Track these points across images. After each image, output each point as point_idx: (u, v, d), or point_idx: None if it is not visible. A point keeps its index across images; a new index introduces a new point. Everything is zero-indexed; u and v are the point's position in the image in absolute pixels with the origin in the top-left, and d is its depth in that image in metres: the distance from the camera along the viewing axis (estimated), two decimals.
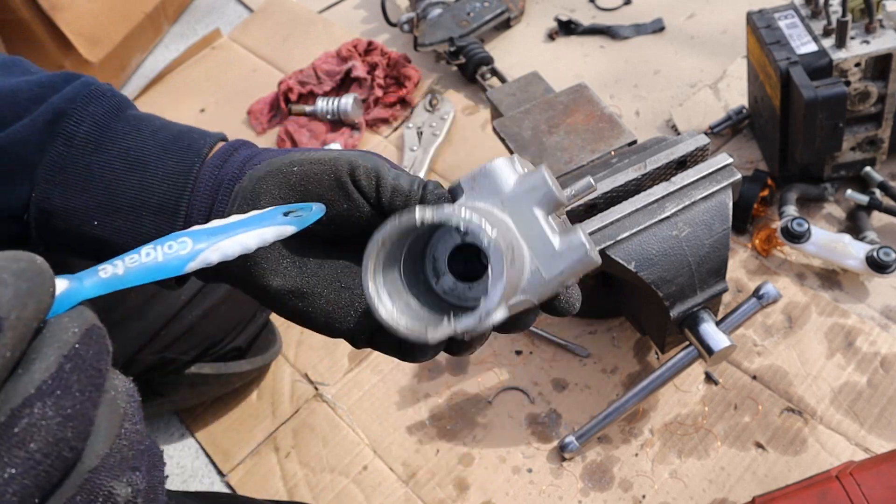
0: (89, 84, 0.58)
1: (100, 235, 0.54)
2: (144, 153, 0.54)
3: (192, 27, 1.71)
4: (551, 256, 0.43)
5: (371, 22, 1.58)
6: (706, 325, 0.83)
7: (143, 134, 0.56)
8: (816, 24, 0.99)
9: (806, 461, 0.86)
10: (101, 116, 0.56)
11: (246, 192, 0.49)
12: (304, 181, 0.48)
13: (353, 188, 0.47)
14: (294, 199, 0.48)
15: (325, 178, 0.47)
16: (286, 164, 0.49)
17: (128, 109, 0.58)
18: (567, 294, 0.48)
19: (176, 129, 0.56)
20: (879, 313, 0.97)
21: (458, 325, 0.40)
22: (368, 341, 0.51)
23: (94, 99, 0.56)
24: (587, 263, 0.43)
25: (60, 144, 0.55)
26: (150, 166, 0.54)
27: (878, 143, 1.04)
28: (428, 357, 0.49)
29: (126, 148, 0.55)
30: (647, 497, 0.87)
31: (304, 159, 0.49)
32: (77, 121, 0.55)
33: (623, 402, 0.90)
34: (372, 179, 0.47)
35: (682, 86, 1.30)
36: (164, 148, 0.55)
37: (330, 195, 0.48)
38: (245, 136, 1.38)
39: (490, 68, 1.35)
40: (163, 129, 0.56)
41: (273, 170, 0.49)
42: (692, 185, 0.83)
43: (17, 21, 1.36)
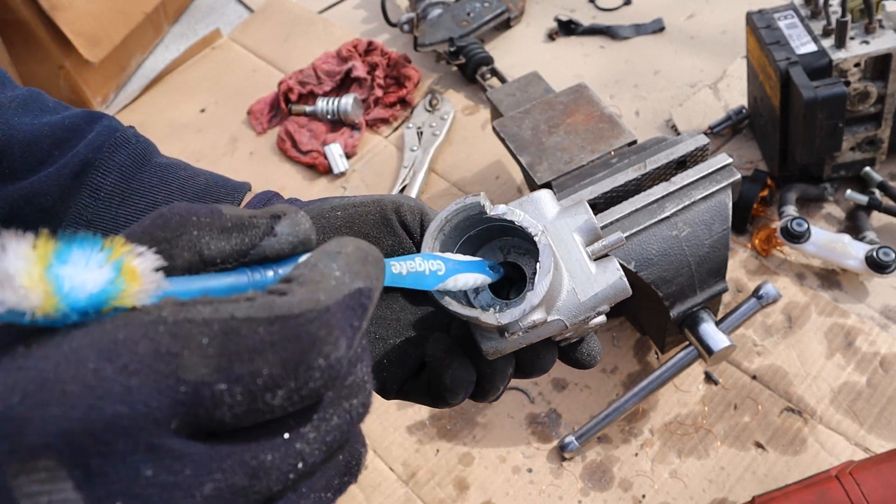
0: (114, 130, 0.56)
1: None
2: None
3: (193, 27, 1.72)
4: (587, 280, 0.45)
5: (371, 22, 1.58)
6: (706, 325, 0.83)
7: (170, 187, 0.55)
8: (816, 24, 0.99)
9: (806, 461, 0.87)
10: (127, 167, 0.55)
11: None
12: (350, 223, 0.48)
13: (399, 225, 0.48)
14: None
15: (371, 218, 0.48)
16: (327, 209, 0.48)
17: (153, 157, 0.57)
18: (590, 344, 0.49)
19: (203, 182, 0.55)
20: (879, 313, 0.97)
21: (501, 318, 0.42)
22: (398, 392, 0.50)
23: (120, 147, 0.55)
24: (620, 290, 0.45)
25: (87, 196, 0.54)
26: None
27: (878, 143, 1.04)
28: (458, 400, 0.49)
29: (153, 202, 0.54)
30: (646, 497, 0.87)
31: (347, 204, 0.49)
32: (104, 172, 0.54)
33: (623, 401, 0.90)
34: (417, 216, 0.48)
35: (682, 86, 1.30)
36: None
37: (375, 232, 0.48)
38: (246, 136, 1.38)
39: (490, 68, 1.35)
40: (189, 182, 0.55)
41: (313, 216, 0.48)
42: (692, 185, 0.83)
43: (18, 21, 1.36)
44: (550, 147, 0.93)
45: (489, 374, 0.47)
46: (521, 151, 0.94)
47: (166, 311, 0.25)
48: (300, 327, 0.26)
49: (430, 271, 0.41)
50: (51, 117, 0.58)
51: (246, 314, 0.26)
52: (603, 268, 0.46)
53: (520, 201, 0.47)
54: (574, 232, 0.46)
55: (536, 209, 0.46)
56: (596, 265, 0.46)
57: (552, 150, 0.93)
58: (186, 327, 0.25)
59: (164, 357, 0.24)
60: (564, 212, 0.47)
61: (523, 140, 0.95)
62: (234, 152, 1.36)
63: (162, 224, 0.29)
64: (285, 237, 0.32)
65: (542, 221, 0.46)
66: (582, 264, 0.46)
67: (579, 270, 0.46)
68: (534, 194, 0.47)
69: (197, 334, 0.25)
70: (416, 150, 1.27)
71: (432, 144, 1.27)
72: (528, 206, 0.46)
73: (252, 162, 1.34)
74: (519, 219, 0.43)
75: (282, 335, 0.26)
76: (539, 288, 0.42)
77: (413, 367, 0.49)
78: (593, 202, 0.84)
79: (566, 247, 0.46)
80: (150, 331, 0.25)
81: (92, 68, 1.48)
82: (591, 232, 0.46)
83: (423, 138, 1.29)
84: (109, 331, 0.24)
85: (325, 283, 0.28)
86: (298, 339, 0.26)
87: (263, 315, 0.26)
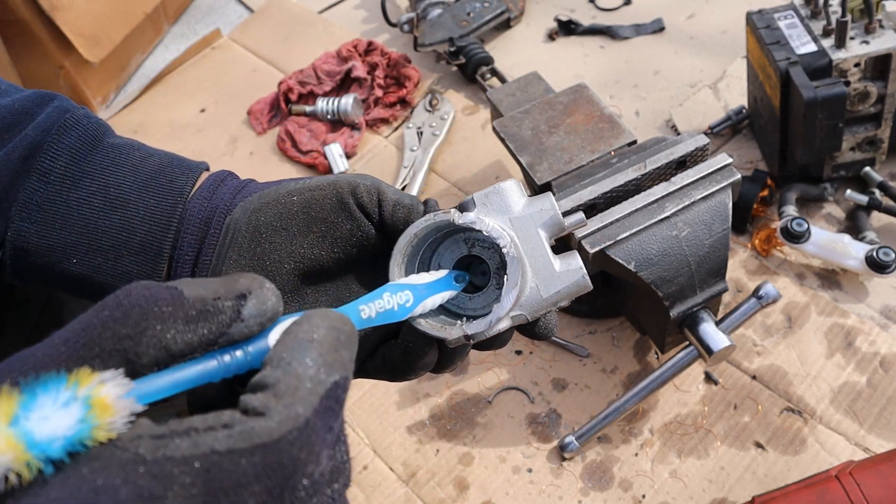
0: (64, 111, 0.55)
1: (79, 272, 0.52)
2: (124, 190, 0.52)
3: (193, 27, 1.72)
4: (551, 277, 0.46)
5: (371, 22, 1.58)
6: (706, 325, 0.83)
7: (122, 168, 0.53)
8: (816, 24, 0.99)
9: (805, 461, 0.87)
10: (78, 149, 0.53)
11: (240, 226, 0.49)
12: (307, 208, 0.48)
13: (356, 207, 0.48)
14: (297, 227, 0.49)
15: (328, 203, 0.48)
16: (283, 194, 0.49)
17: (105, 138, 0.55)
18: (546, 319, 0.50)
19: (157, 163, 0.54)
20: (879, 313, 0.97)
21: (468, 329, 0.44)
22: (358, 370, 0.51)
23: (70, 129, 0.54)
24: (582, 287, 0.47)
25: (36, 181, 0.52)
26: (132, 205, 0.52)
27: (878, 143, 1.04)
28: (416, 376, 0.50)
29: (105, 184, 0.52)
30: (646, 497, 0.87)
31: (303, 187, 0.49)
32: (53, 156, 0.53)
33: (623, 401, 0.90)
34: (374, 196, 0.48)
35: (682, 86, 1.30)
36: (146, 185, 0.53)
37: (333, 217, 0.48)
38: (246, 136, 1.38)
39: (490, 68, 1.35)
40: (143, 163, 0.54)
41: (270, 201, 0.49)
42: (692, 185, 0.83)
43: (18, 21, 1.36)
44: (550, 147, 0.93)
45: (450, 355, 0.50)
46: (521, 151, 0.94)
47: (143, 447, 0.25)
48: (282, 453, 0.26)
49: (398, 305, 0.42)
50: (1, 101, 0.56)
51: (226, 446, 0.25)
52: (566, 263, 0.47)
53: (486, 192, 0.47)
54: (539, 227, 0.47)
55: (503, 202, 0.47)
56: (560, 261, 0.47)
57: (552, 150, 0.93)
58: (167, 467, 0.24)
59: (148, 502, 0.23)
60: (530, 204, 0.47)
61: (523, 140, 0.95)
62: (234, 152, 1.36)
63: (122, 318, 0.28)
64: (253, 320, 0.31)
65: (508, 215, 0.47)
66: (545, 261, 0.46)
67: (543, 267, 0.46)
68: (500, 185, 0.47)
69: (179, 474, 0.24)
70: (416, 150, 1.27)
71: (432, 144, 1.27)
72: (493, 198, 0.47)
73: (252, 162, 1.34)
74: (487, 228, 0.44)
75: (265, 465, 0.26)
76: (506, 301, 0.44)
77: (371, 348, 0.51)
78: (593, 202, 0.84)
79: (531, 243, 0.47)
80: (130, 473, 0.24)
81: (92, 68, 1.48)
82: (555, 226, 0.47)
83: (423, 138, 1.29)
84: (88, 477, 0.24)
85: (301, 389, 0.28)
86: (282, 467, 0.26)
87: (244, 445, 0.26)
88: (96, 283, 0.53)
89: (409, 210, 0.48)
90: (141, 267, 0.52)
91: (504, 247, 0.44)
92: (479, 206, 0.47)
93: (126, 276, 0.52)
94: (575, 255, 0.47)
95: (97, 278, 0.52)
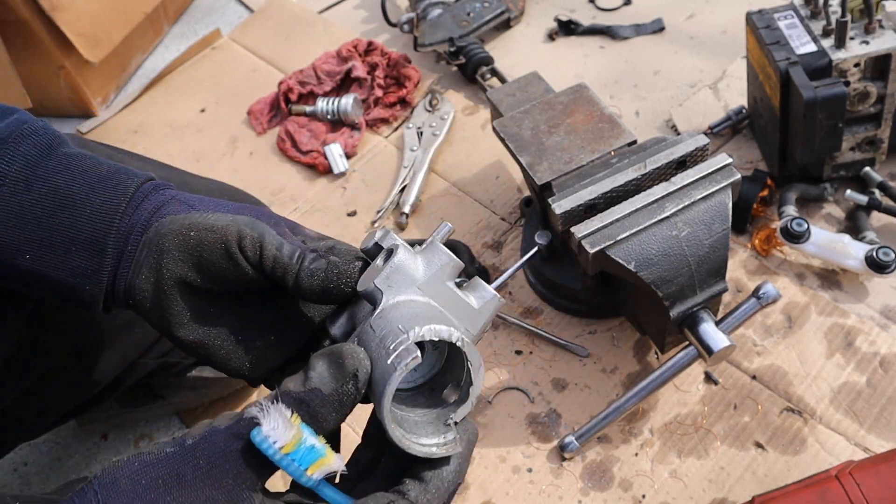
0: (23, 122, 0.59)
1: (32, 268, 0.57)
2: (74, 192, 0.57)
3: (193, 27, 1.72)
4: (473, 316, 0.52)
5: (371, 22, 1.58)
6: (706, 324, 0.83)
7: (73, 173, 0.58)
8: (816, 24, 0.99)
9: (805, 461, 0.87)
10: (32, 156, 0.58)
11: (152, 246, 0.56)
12: (199, 248, 0.55)
13: (241, 257, 0.54)
14: (191, 263, 0.55)
15: (217, 248, 0.54)
16: (185, 226, 0.55)
17: (60, 147, 0.59)
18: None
19: (106, 169, 0.59)
20: (879, 313, 0.97)
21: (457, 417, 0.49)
22: (266, 382, 0.60)
23: (26, 138, 0.58)
24: (499, 306, 0.52)
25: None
26: (79, 205, 0.57)
27: (878, 143, 1.04)
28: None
29: (56, 186, 0.57)
30: (646, 497, 0.87)
31: (201, 224, 0.55)
32: (9, 160, 0.57)
33: (623, 401, 0.90)
34: (256, 250, 0.54)
35: (682, 86, 1.30)
36: (93, 187, 0.57)
37: (220, 262, 0.54)
38: (246, 136, 1.38)
39: (490, 68, 1.35)
40: (92, 169, 0.59)
41: (175, 229, 0.55)
42: (692, 186, 0.83)
43: (18, 21, 1.36)
44: (550, 147, 0.93)
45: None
46: (521, 151, 0.94)
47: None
48: None
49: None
50: None
51: None
52: (479, 296, 0.52)
53: (386, 274, 0.50)
54: (446, 280, 0.51)
55: (404, 275, 0.51)
56: (473, 296, 0.52)
57: (552, 150, 0.93)
58: None
59: None
60: (427, 263, 0.51)
61: (523, 140, 0.95)
62: (234, 152, 1.36)
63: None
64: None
65: (415, 284, 0.51)
66: (464, 306, 0.51)
67: (464, 312, 0.52)
68: (393, 261, 0.51)
69: None
70: (416, 150, 1.27)
71: (432, 144, 1.27)
72: (395, 277, 0.51)
73: (252, 162, 1.34)
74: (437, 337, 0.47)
75: None
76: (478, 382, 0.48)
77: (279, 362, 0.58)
78: (593, 202, 0.84)
79: (445, 297, 0.51)
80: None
81: (92, 68, 1.48)
82: (456, 270, 0.52)
83: (423, 138, 1.29)
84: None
85: None
86: None
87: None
88: (48, 278, 0.57)
89: (286, 269, 0.54)
90: (88, 262, 0.57)
91: (457, 342, 0.47)
92: (385, 290, 0.50)
93: (75, 270, 0.57)
94: (482, 286, 0.52)
95: (49, 273, 0.57)
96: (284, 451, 0.43)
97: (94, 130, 1.46)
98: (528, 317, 1.03)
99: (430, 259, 0.51)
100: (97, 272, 0.57)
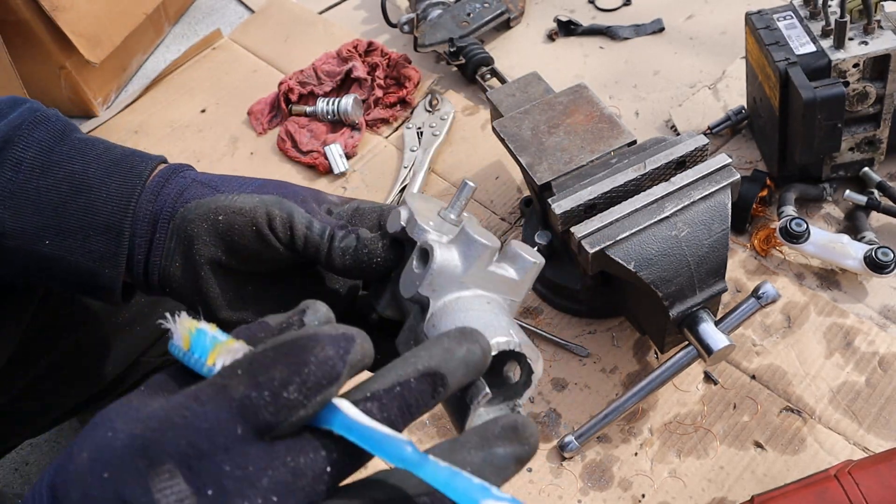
0: (35, 110, 0.60)
1: (52, 254, 0.57)
2: (89, 176, 0.57)
3: (193, 28, 1.72)
4: (516, 286, 0.51)
5: (371, 23, 1.58)
6: (705, 324, 0.83)
7: (87, 158, 0.58)
8: (815, 24, 0.99)
9: (805, 460, 0.87)
10: (47, 141, 0.58)
11: (181, 233, 0.56)
12: (230, 232, 0.54)
13: (273, 238, 0.54)
14: (223, 247, 0.55)
15: (248, 231, 0.54)
16: (213, 210, 0.55)
17: (72, 133, 0.60)
18: None
19: (119, 153, 0.59)
20: (878, 313, 0.98)
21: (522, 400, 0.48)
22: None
23: (39, 124, 0.59)
24: (539, 269, 0.51)
25: (9, 170, 0.57)
26: (95, 189, 0.57)
27: (877, 143, 1.04)
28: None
29: (72, 171, 0.57)
30: (646, 496, 0.87)
31: (228, 207, 0.55)
32: (24, 147, 0.58)
33: (622, 401, 0.90)
34: (287, 230, 0.54)
35: (682, 86, 1.30)
36: (108, 171, 0.58)
37: (253, 245, 0.54)
38: (246, 136, 1.39)
39: (490, 69, 1.35)
40: (106, 153, 0.59)
41: (202, 214, 0.55)
42: (691, 186, 0.84)
43: (19, 22, 1.36)
44: (550, 147, 0.94)
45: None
46: (520, 152, 0.94)
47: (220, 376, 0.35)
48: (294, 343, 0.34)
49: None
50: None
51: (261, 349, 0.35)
52: (519, 267, 0.51)
53: (429, 280, 0.49)
54: (485, 266, 0.50)
55: (448, 276, 0.49)
56: (514, 269, 0.50)
57: (552, 151, 0.93)
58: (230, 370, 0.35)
59: (220, 390, 0.34)
60: (465, 255, 0.50)
61: (523, 140, 0.95)
62: (234, 152, 1.36)
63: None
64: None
65: (458, 280, 0.49)
66: (508, 281, 0.50)
67: (509, 286, 0.51)
68: (433, 267, 0.49)
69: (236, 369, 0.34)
70: (416, 150, 1.28)
71: (432, 144, 1.27)
72: (439, 280, 0.49)
73: (252, 162, 1.34)
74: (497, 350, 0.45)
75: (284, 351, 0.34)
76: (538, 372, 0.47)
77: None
78: (593, 202, 0.84)
79: (489, 281, 0.50)
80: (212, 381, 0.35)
81: (93, 69, 1.48)
82: (492, 254, 0.50)
83: (423, 138, 1.29)
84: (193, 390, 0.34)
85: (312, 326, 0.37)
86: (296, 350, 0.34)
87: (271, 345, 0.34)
88: (68, 264, 0.57)
89: (318, 247, 0.54)
90: (107, 246, 0.57)
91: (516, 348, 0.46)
92: (431, 294, 0.49)
93: (94, 255, 0.57)
94: (518, 254, 0.51)
95: (69, 258, 0.57)
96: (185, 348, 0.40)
97: (95, 131, 1.46)
98: (527, 317, 1.04)
99: (466, 251, 0.50)
100: (115, 256, 0.57)
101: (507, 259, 0.51)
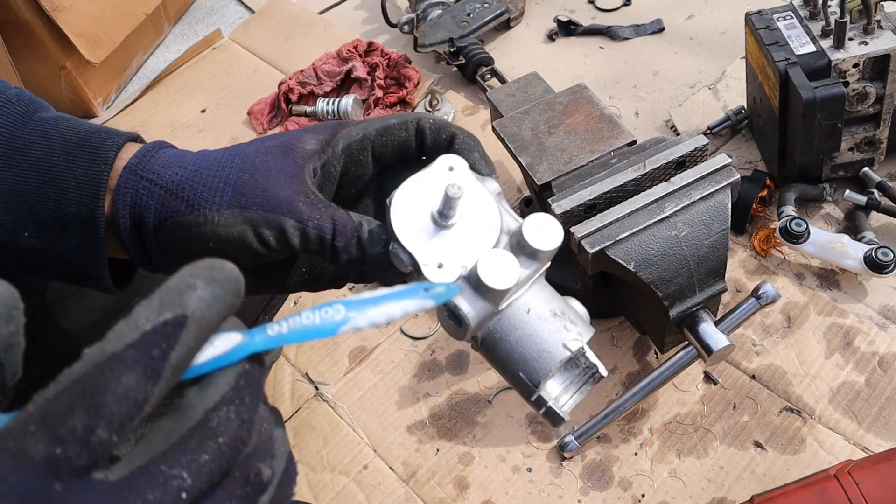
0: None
1: (33, 245, 0.54)
2: (54, 162, 0.53)
3: (193, 28, 1.72)
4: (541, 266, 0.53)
5: (371, 23, 1.58)
6: (705, 324, 0.83)
7: (50, 140, 0.54)
8: (815, 25, 0.99)
9: (804, 460, 0.87)
10: (8, 128, 0.54)
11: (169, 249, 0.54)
12: (223, 253, 0.49)
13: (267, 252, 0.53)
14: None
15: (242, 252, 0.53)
16: (198, 235, 0.53)
17: (36, 113, 0.56)
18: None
19: (83, 130, 0.55)
20: (878, 313, 0.98)
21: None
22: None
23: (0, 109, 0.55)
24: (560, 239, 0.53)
25: None
26: (63, 176, 0.53)
27: (877, 143, 1.04)
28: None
29: (36, 158, 0.53)
30: (646, 496, 0.87)
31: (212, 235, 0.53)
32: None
33: (622, 401, 0.90)
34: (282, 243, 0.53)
35: (682, 86, 1.30)
36: (72, 154, 0.54)
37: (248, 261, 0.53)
38: (247, 136, 1.39)
39: (490, 69, 1.35)
40: (69, 132, 0.55)
41: (190, 238, 0.53)
42: (691, 186, 0.84)
43: (19, 22, 1.36)
44: (550, 147, 0.94)
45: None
46: (520, 152, 0.94)
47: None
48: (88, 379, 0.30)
49: (322, 320, 0.40)
50: None
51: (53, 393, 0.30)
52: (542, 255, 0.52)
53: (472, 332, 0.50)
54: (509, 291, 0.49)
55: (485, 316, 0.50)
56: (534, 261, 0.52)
57: (552, 151, 0.93)
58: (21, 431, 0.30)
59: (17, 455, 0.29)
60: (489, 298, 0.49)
61: (523, 140, 0.95)
62: None
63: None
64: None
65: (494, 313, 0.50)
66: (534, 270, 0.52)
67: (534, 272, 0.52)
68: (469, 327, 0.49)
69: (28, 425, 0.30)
70: None
71: None
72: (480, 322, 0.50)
73: None
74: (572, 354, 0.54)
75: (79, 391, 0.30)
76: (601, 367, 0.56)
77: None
78: (593, 202, 0.84)
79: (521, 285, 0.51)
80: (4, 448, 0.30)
81: (93, 69, 1.48)
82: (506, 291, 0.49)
83: None
84: None
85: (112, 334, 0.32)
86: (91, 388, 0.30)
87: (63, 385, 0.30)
88: (51, 254, 0.54)
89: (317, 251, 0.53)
90: (85, 238, 0.54)
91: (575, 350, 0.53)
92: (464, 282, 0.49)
93: (75, 247, 0.54)
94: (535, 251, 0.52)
95: (52, 248, 0.54)
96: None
97: None
98: None
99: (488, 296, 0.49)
100: (92, 245, 0.54)
101: (524, 253, 0.52)
